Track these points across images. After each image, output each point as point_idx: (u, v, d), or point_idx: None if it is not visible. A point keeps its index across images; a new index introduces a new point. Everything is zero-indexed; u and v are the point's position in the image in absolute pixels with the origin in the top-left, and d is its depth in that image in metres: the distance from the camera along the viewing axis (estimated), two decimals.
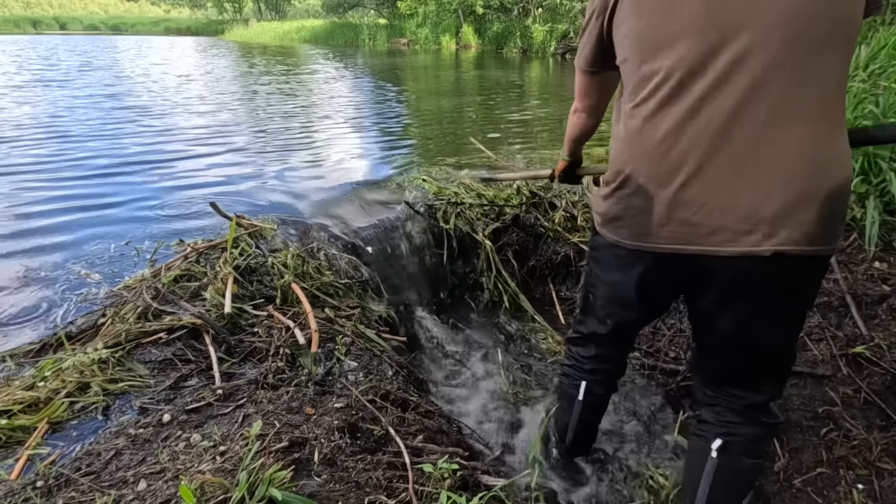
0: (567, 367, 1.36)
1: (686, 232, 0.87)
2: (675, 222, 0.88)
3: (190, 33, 34.79)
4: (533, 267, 2.60)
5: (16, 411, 1.12)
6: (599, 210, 1.04)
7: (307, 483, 0.90)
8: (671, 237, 0.89)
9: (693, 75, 0.83)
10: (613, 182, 0.97)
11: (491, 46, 16.50)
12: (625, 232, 0.97)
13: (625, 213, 0.95)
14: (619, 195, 0.96)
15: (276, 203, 2.49)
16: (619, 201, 0.96)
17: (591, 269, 1.17)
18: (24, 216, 2.32)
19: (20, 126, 4.18)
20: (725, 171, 0.83)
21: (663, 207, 0.88)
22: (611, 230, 1.00)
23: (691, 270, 0.93)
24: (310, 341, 1.42)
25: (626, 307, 1.11)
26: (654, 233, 0.91)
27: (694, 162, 0.84)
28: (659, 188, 0.88)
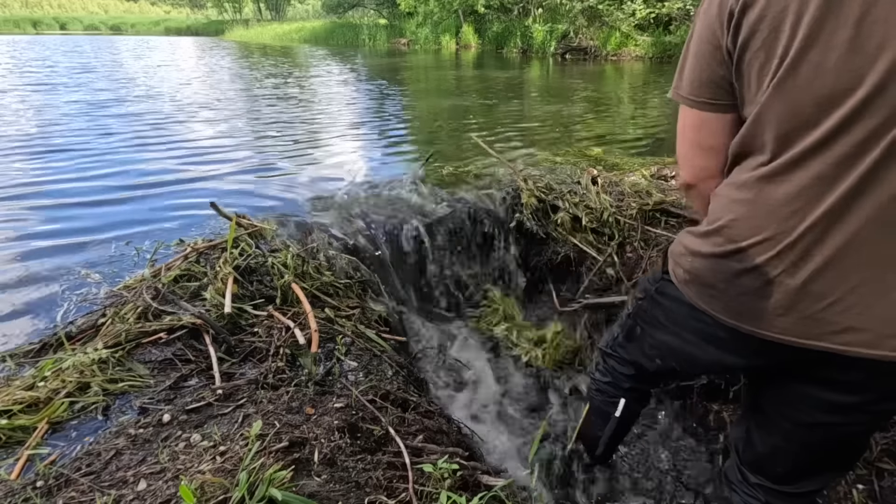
0: (603, 382, 1.26)
1: (810, 326, 0.74)
2: (798, 314, 0.74)
3: (190, 33, 34.79)
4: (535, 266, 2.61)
5: (16, 411, 1.12)
6: (686, 266, 0.88)
7: (307, 483, 0.90)
8: (788, 329, 0.76)
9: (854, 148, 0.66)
10: (717, 246, 0.81)
11: (491, 46, 16.50)
12: (719, 305, 0.83)
13: (727, 287, 0.81)
14: (723, 264, 0.81)
15: (276, 203, 2.49)
16: (723, 272, 0.81)
17: (649, 309, 1.05)
18: (24, 216, 2.32)
19: (20, 126, 4.18)
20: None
21: (785, 296, 0.75)
22: (700, 297, 0.86)
23: (807, 361, 0.80)
24: (310, 341, 1.42)
25: (687, 364, 1.02)
26: (765, 319, 0.77)
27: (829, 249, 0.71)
28: (785, 275, 0.74)
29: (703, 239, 0.85)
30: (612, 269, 2.35)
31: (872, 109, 0.63)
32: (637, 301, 1.12)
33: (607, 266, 2.36)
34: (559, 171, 2.90)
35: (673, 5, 12.10)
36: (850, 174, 0.67)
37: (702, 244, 0.85)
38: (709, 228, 0.84)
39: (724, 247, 0.80)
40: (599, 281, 2.39)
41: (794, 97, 0.68)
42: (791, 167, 0.71)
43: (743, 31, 0.71)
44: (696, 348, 0.94)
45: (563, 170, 2.91)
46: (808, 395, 0.86)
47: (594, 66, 11.42)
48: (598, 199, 2.54)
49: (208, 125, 4.43)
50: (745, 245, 0.77)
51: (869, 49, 0.62)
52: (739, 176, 0.79)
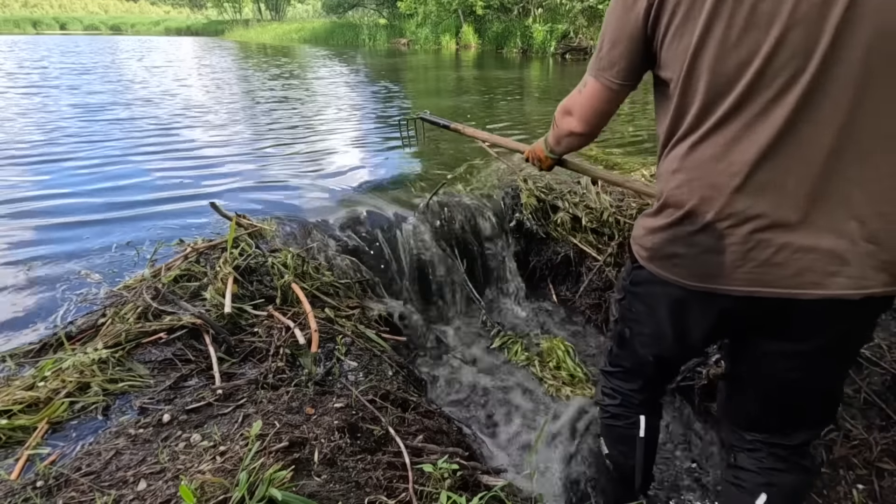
0: (614, 406, 1.22)
1: (765, 273, 0.80)
2: (753, 262, 0.80)
3: (190, 34, 34.78)
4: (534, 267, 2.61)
5: (16, 411, 1.12)
6: (647, 244, 0.94)
7: (307, 483, 0.90)
8: (747, 279, 0.81)
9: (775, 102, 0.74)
10: (669, 217, 0.87)
11: (491, 46, 16.50)
12: (684, 271, 0.88)
13: (686, 252, 0.86)
14: (676, 231, 0.86)
15: (276, 203, 2.49)
16: (678, 238, 0.87)
17: (630, 305, 1.08)
18: (24, 216, 2.32)
19: (21, 127, 4.18)
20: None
21: (738, 247, 0.80)
22: (664, 268, 0.91)
23: (762, 313, 0.85)
24: (310, 341, 1.42)
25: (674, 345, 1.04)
26: (725, 274, 0.82)
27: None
28: (733, 227, 0.80)
29: (656, 216, 0.91)
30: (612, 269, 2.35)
31: (771, 74, 0.73)
32: (618, 303, 1.12)
33: (607, 266, 2.36)
34: (559, 170, 2.90)
35: None
36: (763, 130, 0.75)
37: (656, 220, 0.90)
38: (659, 205, 0.90)
39: (675, 215, 0.86)
40: (599, 281, 2.39)
41: (708, 73, 0.77)
42: (714, 131, 0.79)
43: (663, 18, 0.80)
44: (676, 325, 0.98)
45: (563, 170, 2.91)
46: (774, 350, 0.91)
47: None
48: (598, 199, 2.54)
49: (208, 125, 4.43)
50: (692, 207, 0.83)
51: (761, 24, 0.72)
52: (674, 150, 0.87)
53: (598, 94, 0.97)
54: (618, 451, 1.26)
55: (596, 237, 2.47)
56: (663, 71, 0.85)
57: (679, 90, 0.82)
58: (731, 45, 0.74)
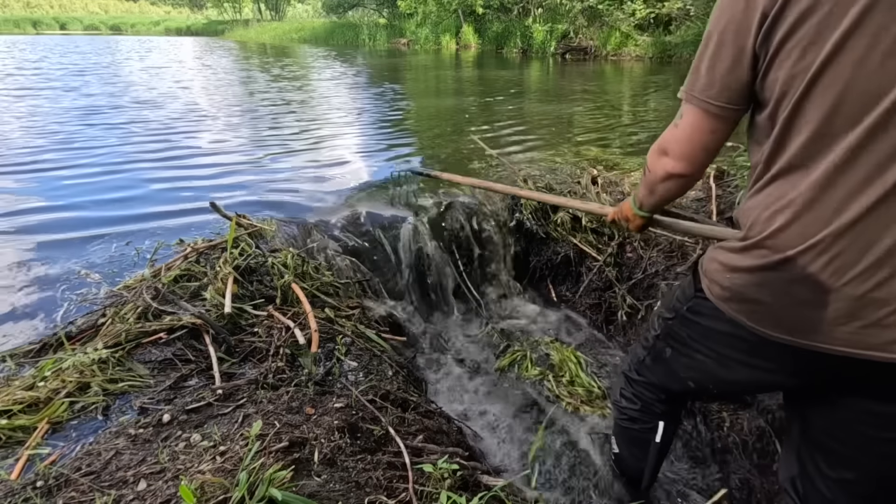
0: (633, 410, 1.17)
1: (874, 335, 0.70)
2: (860, 322, 0.70)
3: (189, 34, 34.78)
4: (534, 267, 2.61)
5: (16, 411, 1.12)
6: (724, 283, 0.83)
7: (307, 483, 0.90)
8: (850, 340, 0.71)
9: None
10: (760, 259, 0.77)
11: (491, 46, 16.50)
12: (769, 321, 0.77)
13: (775, 301, 0.76)
14: (768, 277, 0.76)
15: (276, 203, 2.49)
16: (768, 284, 0.76)
17: (681, 330, 0.99)
18: (24, 217, 2.32)
19: (20, 127, 4.18)
20: None
21: (846, 304, 0.70)
22: (743, 312, 0.81)
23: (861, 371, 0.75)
24: (310, 341, 1.42)
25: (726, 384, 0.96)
26: (823, 331, 0.72)
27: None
28: (848, 282, 0.69)
29: (742, 254, 0.80)
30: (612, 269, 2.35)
31: None
32: (665, 321, 1.04)
33: (607, 266, 2.36)
34: (559, 171, 2.90)
35: (673, 5, 12.10)
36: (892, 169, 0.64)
37: (741, 259, 0.80)
38: (748, 242, 0.79)
39: (769, 258, 0.76)
40: (599, 281, 2.39)
41: (834, 97, 0.66)
42: (834, 168, 0.68)
43: (780, 28, 0.68)
44: (739, 368, 0.89)
45: (563, 170, 2.92)
46: (872, 412, 0.80)
47: (594, 66, 11.42)
48: (598, 199, 2.54)
49: (208, 125, 4.43)
50: (794, 254, 0.72)
51: None
52: (775, 184, 0.75)
53: (700, 122, 0.82)
54: (629, 453, 1.23)
55: (596, 237, 2.47)
56: (766, 90, 0.74)
57: (787, 114, 0.71)
58: (871, 69, 0.63)
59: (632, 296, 2.23)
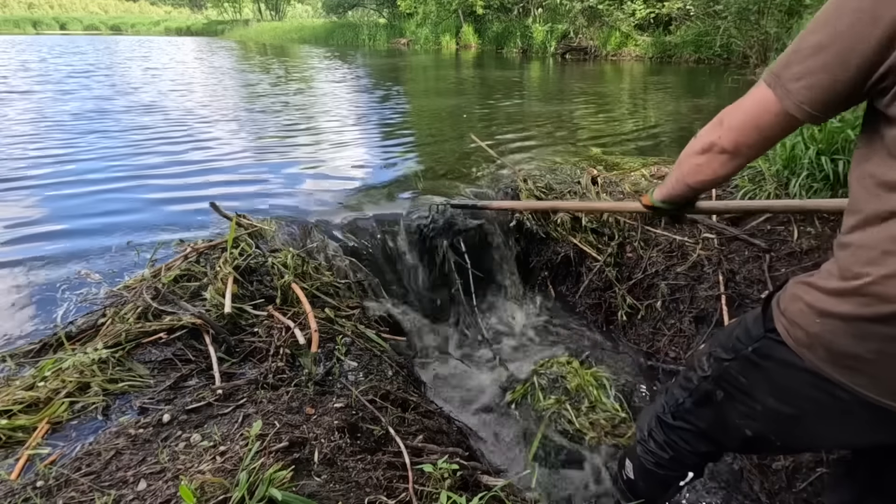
0: (663, 457, 1.04)
1: None
2: None
3: (189, 34, 34.79)
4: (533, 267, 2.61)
5: (16, 411, 1.12)
6: (812, 329, 0.71)
7: (307, 483, 0.90)
8: None
9: None
10: (863, 307, 0.65)
11: (491, 46, 16.50)
12: (864, 379, 0.67)
13: (878, 358, 0.65)
14: (872, 329, 0.65)
15: (276, 203, 2.49)
16: (872, 340, 0.65)
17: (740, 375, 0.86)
18: (25, 216, 2.32)
19: (21, 128, 4.18)
20: None
21: None
22: (834, 368, 0.70)
23: None
24: (310, 341, 1.42)
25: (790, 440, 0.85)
26: None
27: None
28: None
29: (838, 298, 0.68)
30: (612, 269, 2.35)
31: None
32: (719, 361, 0.89)
33: (607, 266, 2.36)
34: (559, 170, 2.90)
35: (673, 5, 12.10)
36: None
37: (837, 303, 0.68)
38: (848, 285, 0.66)
39: (873, 308, 0.64)
40: (599, 281, 2.39)
41: None
42: None
43: None
44: (818, 424, 0.78)
45: (563, 170, 2.92)
46: None
47: (594, 66, 11.42)
48: (598, 199, 2.54)
49: (208, 125, 4.43)
50: None
51: None
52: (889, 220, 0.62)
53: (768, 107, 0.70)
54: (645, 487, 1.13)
55: (596, 237, 2.47)
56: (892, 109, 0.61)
57: None
58: None
59: (632, 296, 2.23)
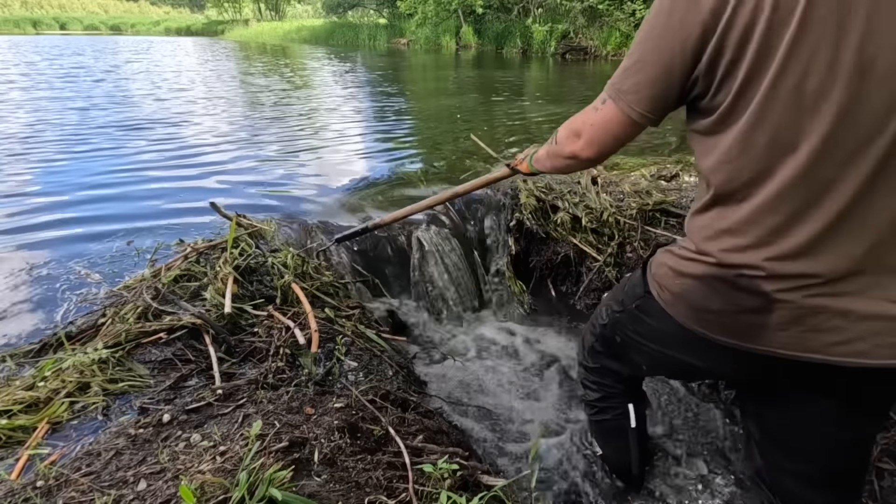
0: (598, 398, 1.18)
1: (813, 338, 0.74)
2: (801, 327, 0.74)
3: (189, 34, 34.79)
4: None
5: (16, 411, 1.12)
6: (673, 289, 0.86)
7: (307, 483, 0.90)
8: (789, 343, 0.75)
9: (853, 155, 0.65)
10: (706, 269, 0.80)
11: (491, 46, 16.51)
12: (715, 327, 0.81)
13: (722, 308, 0.79)
14: (714, 285, 0.79)
15: (277, 203, 2.49)
16: (714, 293, 0.79)
17: (628, 325, 1.01)
18: (25, 217, 2.32)
19: (20, 126, 4.18)
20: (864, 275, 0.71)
21: (786, 313, 0.74)
22: (692, 319, 0.84)
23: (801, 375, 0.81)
24: (310, 341, 1.42)
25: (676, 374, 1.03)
26: (764, 336, 0.77)
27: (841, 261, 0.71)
28: (785, 293, 0.73)
29: (691, 261, 0.83)
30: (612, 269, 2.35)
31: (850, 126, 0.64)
32: (613, 312, 1.06)
33: (607, 266, 2.36)
34: None
35: None
36: (835, 193, 0.68)
37: (691, 266, 0.83)
38: (697, 251, 0.82)
39: (717, 269, 0.79)
40: (599, 281, 2.39)
41: (776, 118, 0.68)
42: (781, 189, 0.71)
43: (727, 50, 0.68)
44: (688, 363, 0.92)
45: None
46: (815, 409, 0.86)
47: (594, 66, 11.43)
48: (598, 199, 2.54)
49: (208, 125, 4.43)
50: (740, 266, 0.76)
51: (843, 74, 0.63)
52: (722, 205, 0.78)
53: (616, 119, 0.83)
54: (611, 449, 1.23)
55: (596, 237, 2.47)
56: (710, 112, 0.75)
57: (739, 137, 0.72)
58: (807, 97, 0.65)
59: None
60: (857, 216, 0.68)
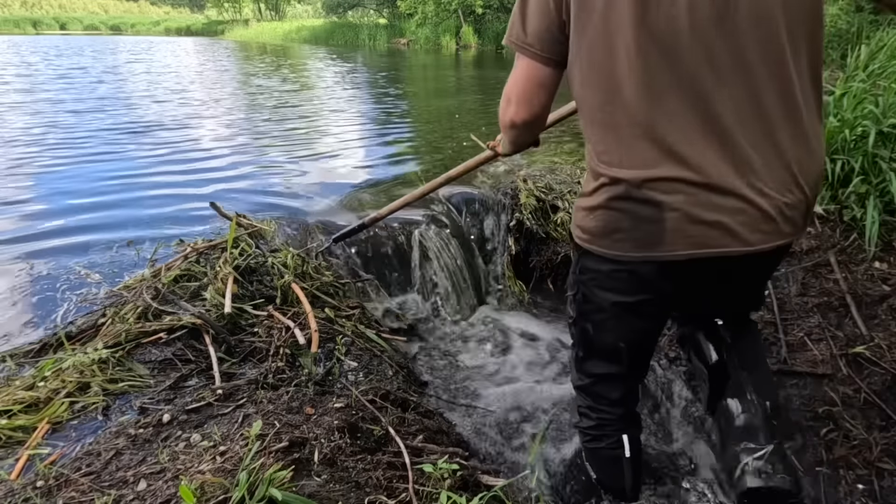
0: (592, 427, 1.18)
1: (702, 235, 0.84)
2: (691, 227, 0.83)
3: (189, 34, 34.79)
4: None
5: (16, 411, 1.12)
6: (591, 225, 0.93)
7: (307, 483, 0.90)
8: (687, 243, 0.84)
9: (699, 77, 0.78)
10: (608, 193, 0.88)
11: (491, 46, 16.50)
12: (629, 244, 0.89)
13: (630, 224, 0.87)
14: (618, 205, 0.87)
15: (276, 203, 2.49)
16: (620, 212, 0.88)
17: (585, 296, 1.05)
18: (25, 217, 2.32)
19: (20, 129, 4.18)
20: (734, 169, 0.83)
21: (673, 217, 0.83)
22: (610, 245, 0.91)
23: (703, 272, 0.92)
24: (310, 341, 1.43)
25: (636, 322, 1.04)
26: (664, 242, 0.85)
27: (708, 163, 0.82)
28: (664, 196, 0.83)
29: (593, 195, 0.91)
30: None
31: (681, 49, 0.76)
32: (572, 298, 1.10)
33: None
34: (559, 170, 2.90)
35: None
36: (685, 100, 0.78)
37: (595, 199, 0.90)
38: (595, 184, 0.90)
39: (611, 192, 0.87)
40: None
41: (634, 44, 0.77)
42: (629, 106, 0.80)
43: None
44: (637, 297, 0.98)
45: (563, 169, 2.91)
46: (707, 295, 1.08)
47: None
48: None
49: (208, 126, 4.43)
50: (627, 180, 0.84)
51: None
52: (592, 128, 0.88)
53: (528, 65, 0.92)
54: (605, 476, 1.22)
55: None
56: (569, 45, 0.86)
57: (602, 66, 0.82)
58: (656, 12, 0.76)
59: None
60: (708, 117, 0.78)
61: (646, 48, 0.77)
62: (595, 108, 0.86)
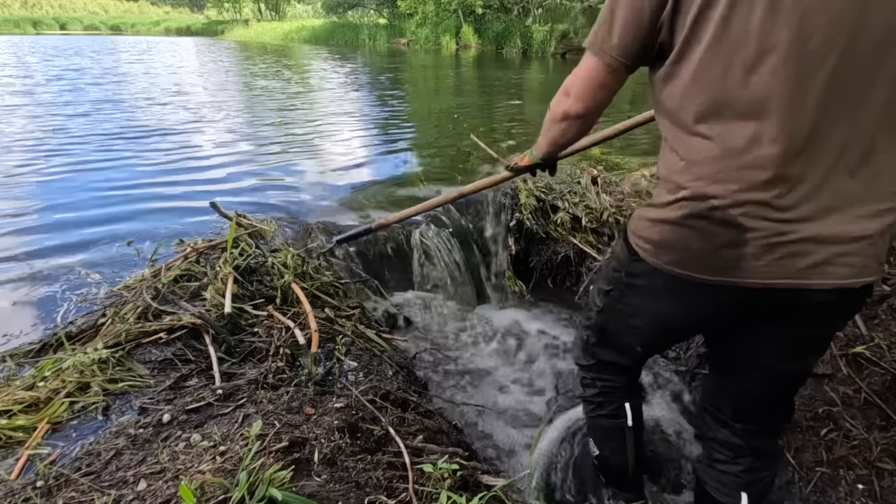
0: (594, 395, 1.20)
1: (783, 265, 0.79)
2: (772, 255, 0.79)
3: (189, 34, 34.79)
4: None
5: (16, 411, 1.12)
6: (657, 238, 0.89)
7: (307, 483, 0.90)
8: (765, 272, 0.80)
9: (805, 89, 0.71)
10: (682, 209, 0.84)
11: (491, 46, 16.50)
12: (699, 266, 0.84)
13: (703, 246, 0.83)
14: (694, 224, 0.83)
15: (277, 203, 2.49)
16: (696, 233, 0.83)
17: (622, 297, 1.04)
18: (25, 217, 2.32)
19: (20, 129, 4.18)
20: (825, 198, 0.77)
21: (760, 240, 0.78)
22: (676, 263, 0.87)
23: (775, 303, 0.85)
24: (310, 341, 1.42)
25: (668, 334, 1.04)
26: (743, 267, 0.81)
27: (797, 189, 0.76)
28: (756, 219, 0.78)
29: (667, 208, 0.87)
30: None
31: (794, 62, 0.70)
32: (606, 294, 1.08)
33: None
34: (559, 170, 2.90)
35: None
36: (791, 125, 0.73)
37: (667, 212, 0.87)
38: (671, 197, 0.86)
39: (691, 209, 0.83)
40: None
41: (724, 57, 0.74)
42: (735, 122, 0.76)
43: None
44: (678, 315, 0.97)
45: (563, 170, 2.91)
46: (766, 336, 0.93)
47: None
48: (598, 199, 2.54)
49: (209, 126, 4.43)
50: (714, 202, 0.80)
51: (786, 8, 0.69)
52: (688, 139, 0.82)
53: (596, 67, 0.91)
54: (609, 450, 1.23)
55: (596, 237, 2.47)
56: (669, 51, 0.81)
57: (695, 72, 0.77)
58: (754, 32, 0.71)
59: None
60: (812, 145, 0.73)
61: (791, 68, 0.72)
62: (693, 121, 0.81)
